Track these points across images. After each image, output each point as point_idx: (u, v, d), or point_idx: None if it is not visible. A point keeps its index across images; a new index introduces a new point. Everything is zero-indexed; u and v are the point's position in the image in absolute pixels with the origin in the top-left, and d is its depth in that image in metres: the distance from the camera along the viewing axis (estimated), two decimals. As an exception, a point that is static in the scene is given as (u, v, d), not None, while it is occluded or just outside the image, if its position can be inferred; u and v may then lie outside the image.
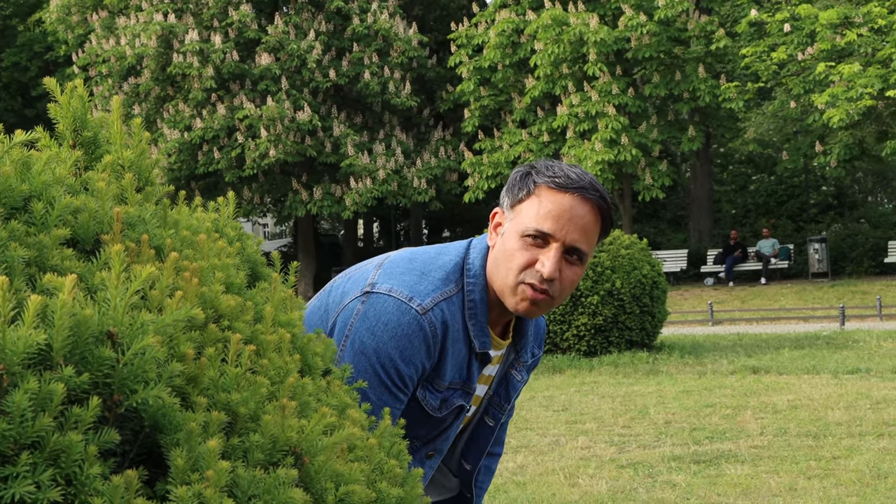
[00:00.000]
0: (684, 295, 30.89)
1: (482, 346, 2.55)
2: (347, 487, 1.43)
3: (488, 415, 2.77)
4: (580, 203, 2.45)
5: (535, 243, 2.45)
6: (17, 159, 1.42)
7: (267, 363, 1.49)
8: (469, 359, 2.56)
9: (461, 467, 2.83)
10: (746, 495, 7.58)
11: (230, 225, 1.93)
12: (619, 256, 16.64)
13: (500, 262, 2.50)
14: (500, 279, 2.50)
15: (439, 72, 37.53)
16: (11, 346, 1.08)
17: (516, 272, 2.46)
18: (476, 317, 2.53)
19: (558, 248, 2.44)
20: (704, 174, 37.76)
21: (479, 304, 2.53)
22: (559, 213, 2.44)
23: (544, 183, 2.46)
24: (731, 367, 15.23)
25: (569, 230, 2.44)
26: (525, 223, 2.46)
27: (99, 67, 36.86)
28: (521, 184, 2.50)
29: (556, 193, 2.45)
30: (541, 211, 2.44)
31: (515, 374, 2.76)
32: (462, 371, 2.56)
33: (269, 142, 33.00)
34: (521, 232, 2.46)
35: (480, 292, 2.54)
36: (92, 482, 1.11)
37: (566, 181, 2.45)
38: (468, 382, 2.58)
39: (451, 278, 2.54)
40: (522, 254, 2.45)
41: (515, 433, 10.62)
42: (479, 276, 2.55)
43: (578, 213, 2.45)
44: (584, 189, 2.45)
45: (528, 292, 2.46)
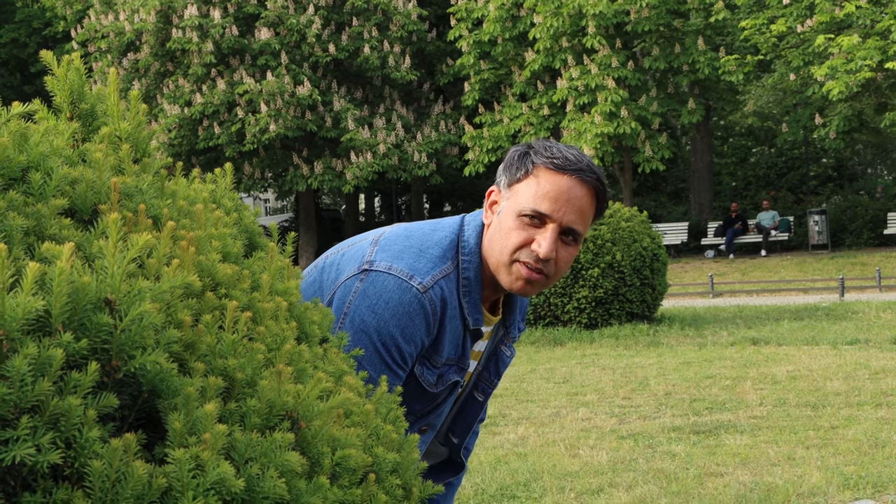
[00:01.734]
0: (685, 267, 30.92)
1: (476, 322, 2.58)
2: (344, 452, 1.45)
3: (477, 390, 2.80)
4: (578, 185, 2.47)
5: (531, 223, 2.47)
6: (14, 131, 1.44)
7: (264, 330, 1.51)
8: (464, 335, 2.58)
9: (448, 440, 2.86)
10: (745, 465, 7.62)
11: (227, 196, 1.95)
12: (619, 229, 16.66)
13: (496, 239, 2.52)
14: (495, 257, 2.52)
15: (439, 46, 37.44)
16: (11, 312, 1.10)
17: (511, 251, 2.49)
18: (470, 294, 2.55)
19: (555, 228, 2.46)
20: (704, 147, 37.72)
21: (474, 282, 2.56)
22: (557, 194, 2.46)
23: (543, 164, 2.48)
24: (731, 339, 15.27)
25: (566, 211, 2.46)
26: (522, 203, 2.47)
27: (98, 43, 36.81)
28: (520, 163, 2.51)
29: (554, 174, 2.46)
30: (539, 191, 2.46)
31: (504, 349, 2.80)
32: (458, 347, 2.58)
33: (269, 116, 32.97)
34: (518, 211, 2.48)
35: (475, 270, 2.56)
36: (91, 445, 1.13)
37: (565, 162, 2.46)
38: (463, 358, 2.60)
39: (447, 255, 2.55)
40: (519, 233, 2.48)
41: (516, 405, 10.67)
42: (474, 254, 2.57)
43: (576, 194, 2.47)
44: (581, 171, 2.47)
45: (522, 271, 2.49)
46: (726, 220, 34.09)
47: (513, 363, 13.87)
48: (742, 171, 42.96)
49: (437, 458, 2.93)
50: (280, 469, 1.29)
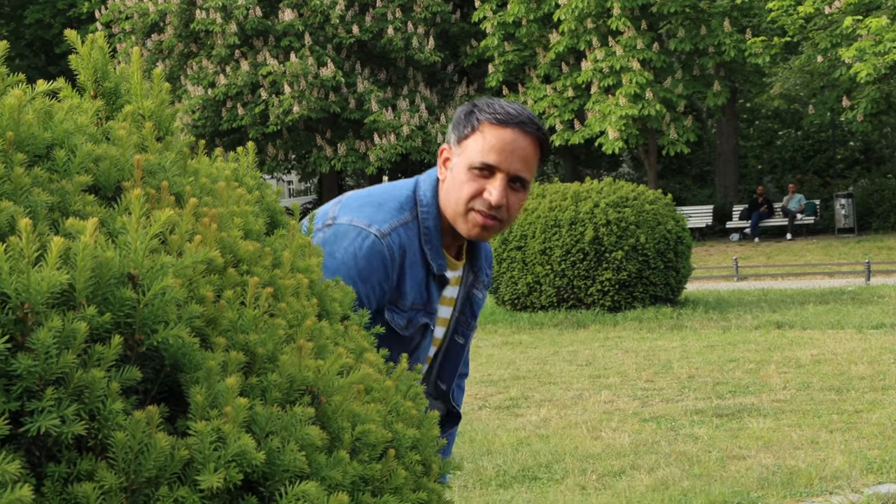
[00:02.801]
0: (709, 251, 30.82)
1: (439, 268, 2.80)
2: (363, 427, 1.47)
3: (458, 333, 3.00)
4: (520, 136, 2.71)
5: (482, 175, 2.71)
6: (39, 109, 1.45)
7: (285, 306, 1.53)
8: (427, 281, 2.80)
9: (437, 388, 3.03)
10: (768, 448, 7.61)
11: (249, 174, 1.97)
12: (643, 212, 16.62)
13: (452, 192, 2.75)
14: (451, 208, 2.76)
15: (463, 27, 37.37)
16: (36, 286, 1.12)
17: (466, 201, 2.72)
18: (431, 241, 2.79)
19: (503, 177, 2.70)
20: (730, 129, 37.55)
21: (434, 231, 2.79)
22: (502, 146, 2.69)
23: (486, 119, 2.71)
24: (756, 322, 15.23)
25: (512, 161, 2.70)
26: (472, 157, 2.71)
27: (122, 24, 36.92)
28: (466, 121, 2.75)
29: (498, 129, 2.70)
30: (486, 145, 2.69)
31: (476, 293, 3.01)
32: (422, 293, 2.79)
33: (292, 98, 33.02)
34: (468, 165, 2.71)
35: (434, 220, 2.80)
36: (114, 417, 1.15)
37: (507, 117, 2.70)
38: (429, 303, 2.81)
39: (405, 208, 2.79)
40: (471, 185, 2.71)
41: (539, 387, 10.68)
42: (432, 206, 2.80)
43: (519, 145, 2.71)
44: (523, 123, 2.71)
45: (478, 219, 2.72)
46: (752, 203, 33.93)
47: (535, 346, 13.89)
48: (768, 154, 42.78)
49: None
50: (300, 443, 1.30)
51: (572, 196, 16.82)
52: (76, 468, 1.14)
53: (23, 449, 1.12)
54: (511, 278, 17.12)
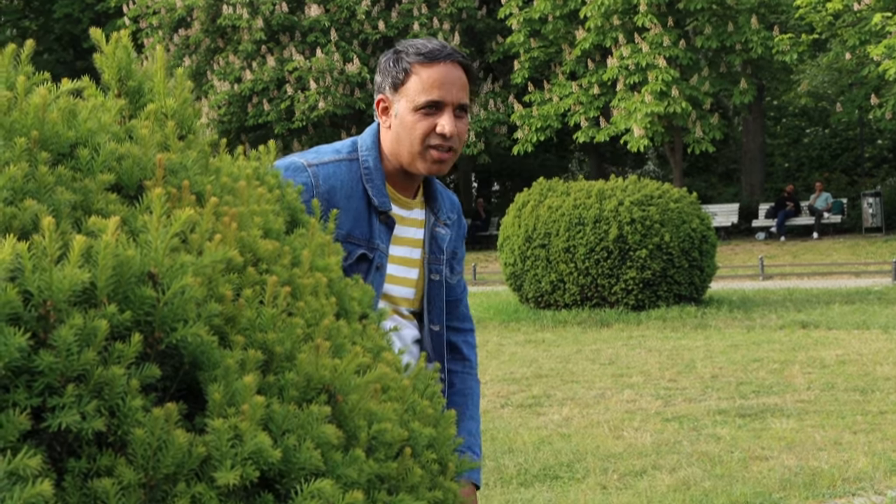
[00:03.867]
0: (735, 249, 30.72)
1: (381, 203, 2.92)
2: (380, 426, 1.48)
3: (432, 272, 3.10)
4: (451, 68, 2.87)
5: (428, 112, 2.85)
6: (63, 107, 1.47)
7: (303, 305, 1.54)
8: (369, 217, 2.93)
9: (431, 332, 3.11)
10: (791, 449, 7.60)
11: (271, 173, 1.99)
12: (668, 210, 16.59)
13: (404, 136, 2.89)
14: (406, 150, 2.90)
15: (489, 23, 37.35)
16: (58, 284, 1.14)
17: (421, 140, 2.86)
18: (372, 180, 2.93)
19: (450, 108, 2.86)
20: (757, 127, 37.40)
21: (374, 170, 2.94)
22: (441, 81, 2.84)
23: (416, 62, 2.85)
24: (781, 322, 15.19)
25: (452, 91, 2.86)
26: (414, 99, 2.85)
27: (149, 19, 37.05)
28: (396, 69, 2.89)
29: (430, 66, 2.85)
30: (424, 85, 2.84)
31: (439, 230, 3.12)
32: (363, 227, 2.92)
33: (318, 94, 33.09)
34: (413, 107, 2.85)
35: (374, 160, 2.94)
36: (134, 413, 1.17)
37: (434, 53, 2.85)
38: (371, 239, 2.93)
39: (341, 151, 2.97)
40: (421, 124, 2.85)
41: (561, 385, 10.68)
42: (372, 149, 2.96)
43: (454, 75, 2.87)
44: (450, 55, 2.87)
45: (435, 154, 2.88)
46: (778, 201, 33.79)
47: (558, 344, 13.89)
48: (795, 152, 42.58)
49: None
50: (316, 441, 1.32)
51: (597, 194, 16.81)
52: (96, 464, 1.16)
53: (44, 444, 1.14)
54: (535, 276, 17.11)
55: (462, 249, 3.27)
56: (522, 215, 17.28)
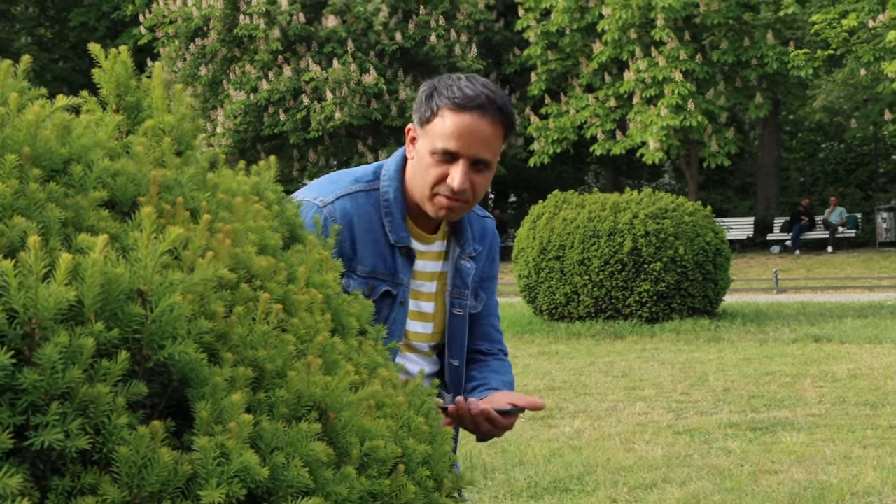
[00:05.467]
0: (750, 263, 30.66)
1: (399, 239, 2.81)
2: (372, 443, 1.48)
3: (455, 306, 2.99)
4: (479, 119, 2.67)
5: (444, 159, 2.70)
6: (57, 123, 1.47)
7: (298, 322, 1.54)
8: (392, 252, 2.82)
9: (450, 367, 3.01)
10: (801, 463, 7.56)
11: (271, 188, 1.99)
12: (682, 223, 16.56)
13: (418, 175, 2.77)
14: (418, 190, 2.78)
15: (506, 35, 37.40)
16: (43, 301, 1.14)
17: (430, 186, 2.73)
18: (391, 213, 2.82)
19: (465, 162, 2.69)
20: (772, 141, 37.34)
21: (394, 202, 2.82)
22: (461, 132, 2.67)
23: (445, 105, 2.68)
24: (793, 336, 15.14)
25: (472, 145, 2.68)
26: (433, 143, 2.70)
27: (166, 28, 37.17)
28: (426, 105, 2.73)
29: (456, 114, 2.67)
30: (445, 131, 2.68)
31: (464, 263, 2.99)
32: (387, 262, 2.82)
33: (334, 104, 33.14)
34: (430, 150, 2.71)
35: (395, 192, 2.82)
36: (119, 432, 1.17)
37: (464, 100, 2.67)
38: (395, 274, 2.83)
39: (361, 180, 2.84)
40: (434, 170, 2.71)
41: (574, 398, 10.66)
42: (394, 178, 2.83)
43: (478, 128, 2.68)
44: (480, 107, 2.67)
45: (443, 202, 2.74)
46: (793, 215, 33.73)
47: (571, 356, 13.87)
48: (810, 167, 42.51)
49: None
50: (305, 459, 1.32)
51: (611, 207, 16.80)
52: (80, 482, 1.16)
53: (27, 462, 1.14)
54: (549, 288, 17.10)
55: (493, 269, 3.13)
56: (537, 227, 17.27)
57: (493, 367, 3.07)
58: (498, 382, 2.99)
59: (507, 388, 2.99)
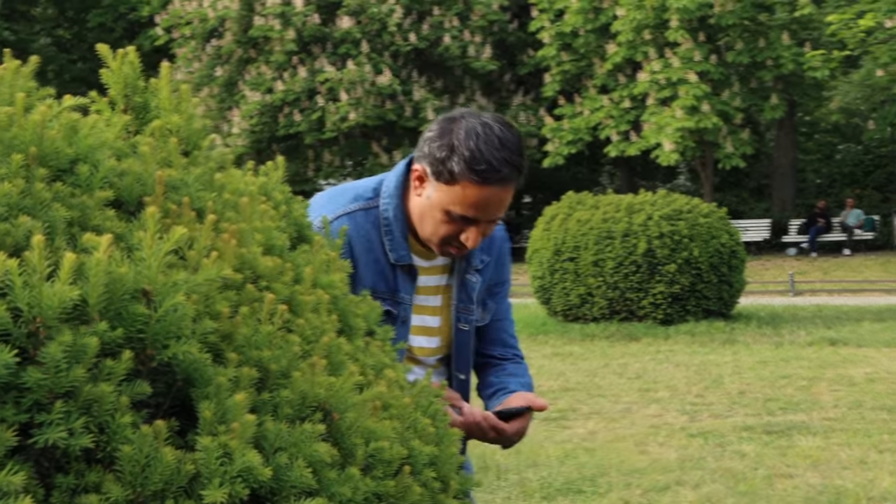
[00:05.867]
0: (765, 265, 30.57)
1: (399, 258, 2.73)
2: (377, 444, 1.48)
3: (461, 321, 2.92)
4: (501, 189, 2.57)
5: (459, 220, 2.60)
6: (64, 123, 1.48)
7: (303, 322, 1.54)
8: (393, 270, 2.75)
9: (457, 380, 2.97)
10: (816, 467, 7.54)
11: (278, 188, 1.99)
12: (697, 225, 16.52)
13: (426, 219, 2.66)
14: (426, 233, 2.69)
15: (520, 36, 37.37)
16: (47, 301, 1.14)
17: (441, 239, 2.66)
18: (391, 232, 2.73)
19: (482, 225, 2.62)
20: (788, 143, 37.23)
21: (394, 221, 2.72)
22: (482, 204, 2.57)
23: (467, 178, 2.53)
24: (809, 339, 15.08)
25: (492, 212, 2.60)
26: (449, 205, 2.59)
27: (182, 29, 37.27)
28: (443, 165, 2.57)
29: (478, 188, 2.54)
30: (465, 200, 2.56)
31: (470, 277, 2.90)
32: (388, 281, 2.75)
33: (349, 105, 33.17)
34: (445, 209, 2.60)
35: (395, 209, 2.72)
36: (123, 430, 1.17)
37: (488, 174, 2.52)
38: (395, 292, 2.76)
39: (360, 198, 2.75)
40: (447, 226, 2.62)
41: (587, 400, 10.65)
42: (394, 196, 2.73)
43: (500, 196, 2.58)
44: (503, 180, 2.55)
45: (452, 251, 2.69)
46: (809, 217, 33.62)
47: (585, 357, 13.85)
48: (827, 169, 42.36)
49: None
50: (309, 459, 1.32)
51: (626, 208, 16.77)
52: (84, 479, 1.16)
53: (31, 460, 1.14)
54: (563, 289, 17.08)
55: (503, 274, 3.04)
56: (551, 228, 17.25)
57: (510, 371, 3.04)
58: (516, 385, 2.95)
59: (526, 390, 2.95)
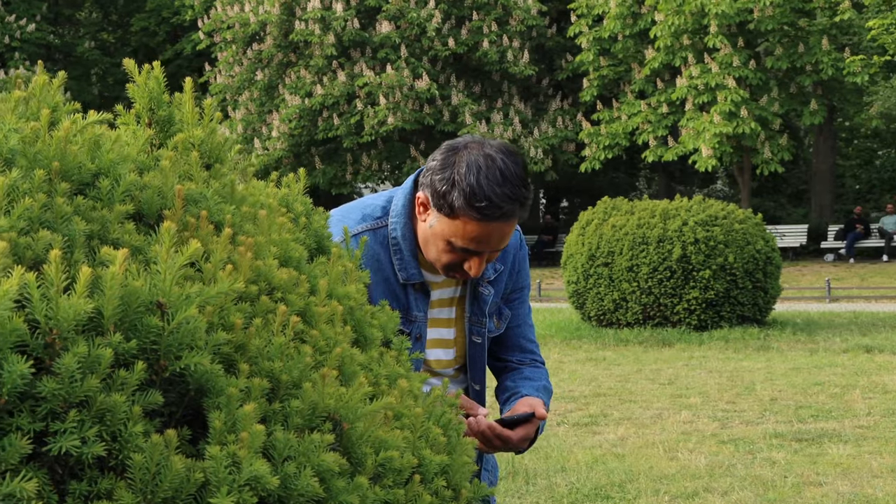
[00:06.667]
0: (802, 271, 30.39)
1: (409, 277, 2.75)
2: (387, 453, 1.52)
3: (474, 334, 2.92)
4: (503, 224, 2.56)
5: (462, 251, 2.61)
6: (88, 138, 1.53)
7: (317, 333, 1.58)
8: (404, 288, 2.76)
9: (472, 391, 2.98)
10: (846, 475, 7.52)
11: (299, 200, 2.03)
12: (732, 231, 16.48)
13: (430, 245, 2.67)
14: (430, 257, 2.70)
15: (559, 41, 37.38)
16: (63, 313, 1.19)
17: (444, 264, 2.67)
18: (400, 252, 2.73)
19: (485, 256, 2.62)
20: (827, 148, 37.02)
21: (402, 240, 2.72)
22: (483, 237, 2.57)
23: (468, 215, 2.53)
24: (844, 346, 15.01)
25: (494, 244, 2.60)
26: (450, 236, 2.59)
27: (223, 34, 37.52)
28: (444, 200, 2.56)
29: (479, 224, 2.54)
30: (466, 234, 2.56)
31: (482, 290, 2.89)
32: (399, 299, 2.76)
33: (387, 109, 33.28)
34: (447, 240, 2.60)
35: (403, 228, 2.73)
36: (134, 439, 1.21)
37: (489, 213, 2.51)
38: (408, 311, 2.77)
39: (368, 218, 2.76)
40: (450, 255, 2.63)
41: (619, 405, 10.65)
42: (402, 215, 2.73)
43: (502, 230, 2.58)
44: (505, 216, 2.54)
45: (458, 276, 2.70)
46: (847, 223, 33.40)
47: (618, 363, 13.84)
48: (866, 174, 42.06)
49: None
50: (317, 468, 1.36)
51: (661, 214, 16.75)
52: (97, 486, 1.21)
53: (46, 467, 1.19)
54: (597, 294, 17.08)
55: (520, 280, 3.02)
56: (586, 234, 17.25)
57: (527, 375, 3.03)
58: (529, 389, 2.95)
59: (541, 394, 2.96)
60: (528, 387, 2.97)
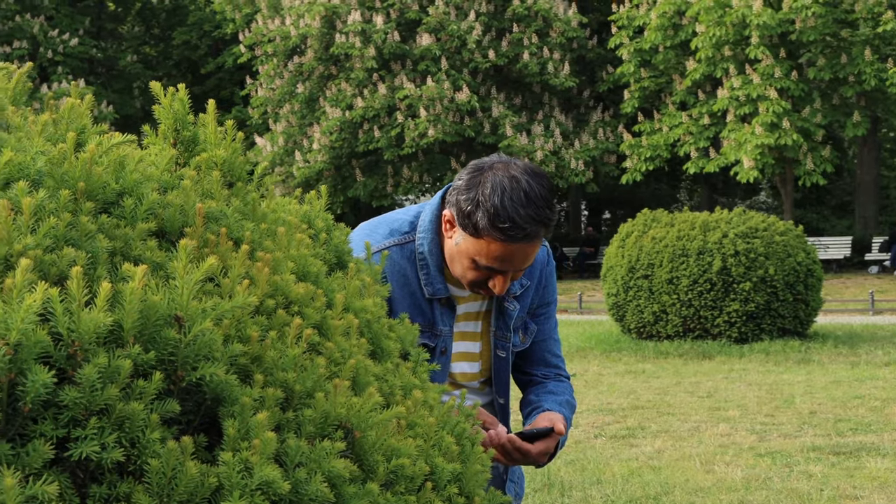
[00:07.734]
0: (846, 283, 30.20)
1: (435, 292, 2.78)
2: (398, 461, 1.58)
3: (499, 348, 2.95)
4: (527, 245, 2.59)
5: (485, 269, 2.64)
6: (114, 159, 1.60)
7: (332, 346, 1.65)
8: (430, 303, 2.80)
9: (497, 405, 3.01)
10: (883, 489, 7.49)
11: (321, 217, 2.10)
12: (773, 243, 16.43)
13: (455, 262, 2.71)
14: (455, 274, 2.74)
15: (599, 53, 37.44)
16: (85, 326, 1.26)
17: (469, 281, 2.70)
18: (427, 267, 2.77)
19: (509, 274, 2.66)
20: (871, 159, 36.80)
21: (429, 255, 2.76)
22: (508, 257, 2.60)
23: (492, 236, 2.57)
24: (886, 359, 14.92)
25: (516, 264, 2.63)
26: (475, 255, 2.63)
27: (265, 47, 37.84)
28: (468, 219, 2.60)
29: (504, 245, 2.57)
30: (490, 254, 2.60)
31: (508, 305, 2.92)
32: (425, 314, 2.79)
33: (428, 121, 33.44)
34: (472, 258, 2.64)
35: (429, 244, 2.76)
36: (152, 445, 1.28)
37: (512, 231, 2.54)
38: (433, 325, 2.81)
39: (396, 233, 2.79)
40: (474, 273, 2.66)
41: (657, 417, 10.65)
42: (429, 231, 2.77)
43: (525, 250, 2.60)
44: (528, 237, 2.56)
45: (483, 292, 2.72)
46: (892, 234, 33.16)
47: (658, 375, 13.83)
48: (911, 186, 41.77)
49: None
50: (327, 475, 1.42)
51: (701, 226, 16.73)
52: (116, 490, 1.28)
53: (68, 471, 1.26)
54: (637, 307, 17.08)
55: (546, 295, 3.05)
56: (626, 246, 17.26)
57: (550, 388, 3.06)
58: (551, 404, 2.98)
59: (563, 409, 2.99)
60: (550, 401, 3.00)
